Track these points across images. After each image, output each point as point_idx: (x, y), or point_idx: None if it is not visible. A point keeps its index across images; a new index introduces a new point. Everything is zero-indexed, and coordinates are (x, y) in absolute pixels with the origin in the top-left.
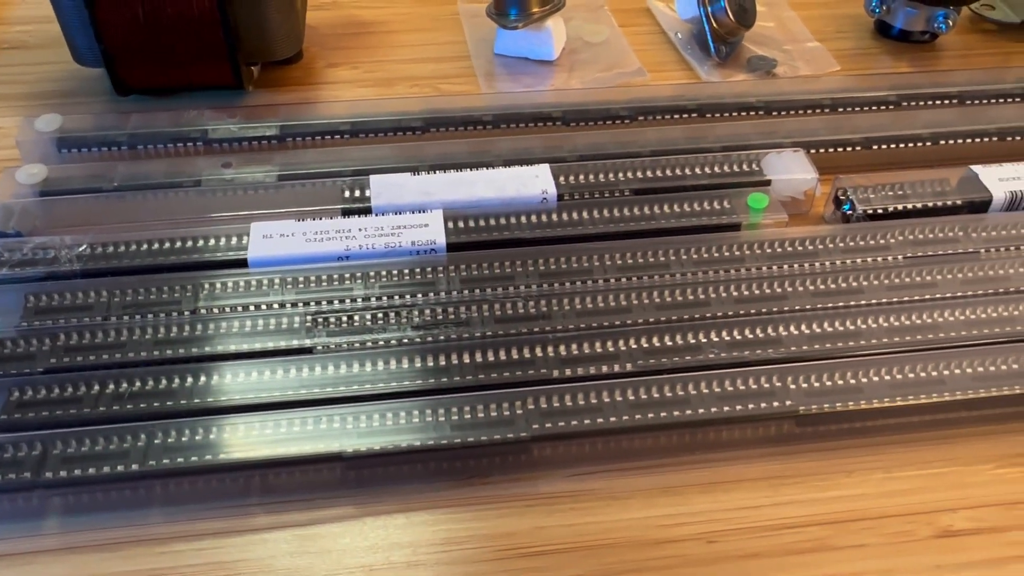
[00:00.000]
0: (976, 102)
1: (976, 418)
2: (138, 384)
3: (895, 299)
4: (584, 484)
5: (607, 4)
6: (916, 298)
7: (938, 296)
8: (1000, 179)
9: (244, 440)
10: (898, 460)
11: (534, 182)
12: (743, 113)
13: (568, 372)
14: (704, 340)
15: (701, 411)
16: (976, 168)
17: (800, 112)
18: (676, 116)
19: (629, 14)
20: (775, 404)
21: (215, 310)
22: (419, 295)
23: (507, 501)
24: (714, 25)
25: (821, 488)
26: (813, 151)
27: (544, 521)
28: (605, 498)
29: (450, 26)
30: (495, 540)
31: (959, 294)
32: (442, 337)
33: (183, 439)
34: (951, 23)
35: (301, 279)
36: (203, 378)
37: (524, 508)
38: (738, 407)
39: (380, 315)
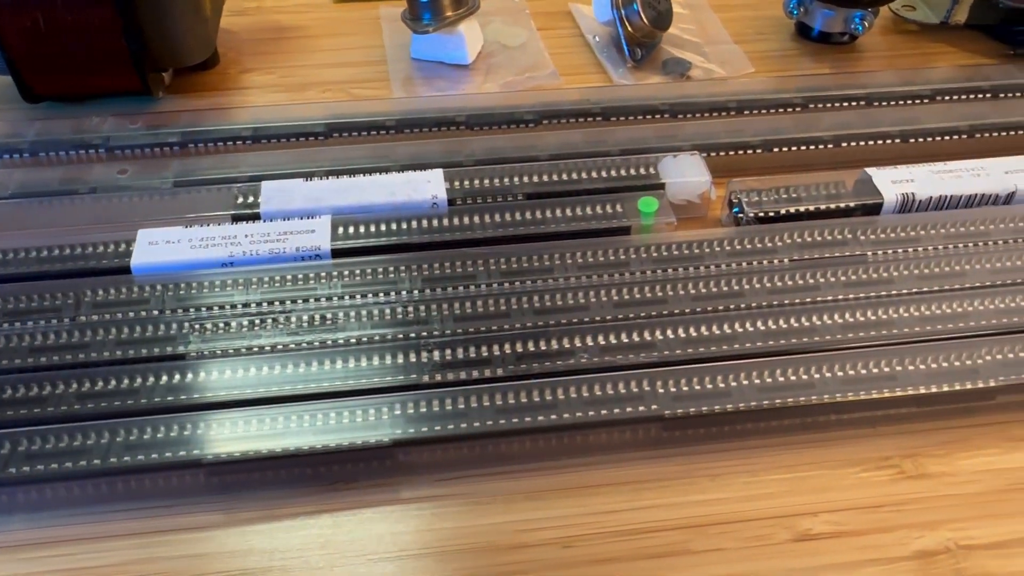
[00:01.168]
0: (883, 104)
1: (846, 421)
2: (9, 392)
3: (775, 302)
4: (448, 489)
5: (529, 7)
6: (796, 301)
7: (819, 300)
8: (893, 181)
9: (106, 445)
10: (765, 463)
11: (425, 187)
12: (648, 116)
13: (439, 377)
14: (579, 345)
15: (566, 415)
16: (870, 171)
17: (704, 115)
18: (581, 120)
19: (551, 17)
20: (641, 408)
21: (95, 317)
22: (299, 300)
23: (370, 506)
24: (628, 28)
25: (684, 492)
26: (714, 154)
27: (403, 526)
28: (467, 503)
29: (370, 30)
30: (352, 545)
31: (840, 297)
32: (318, 343)
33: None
34: (867, 25)
35: (183, 285)
36: (75, 385)
37: (386, 513)
38: (603, 411)
39: (258, 320)
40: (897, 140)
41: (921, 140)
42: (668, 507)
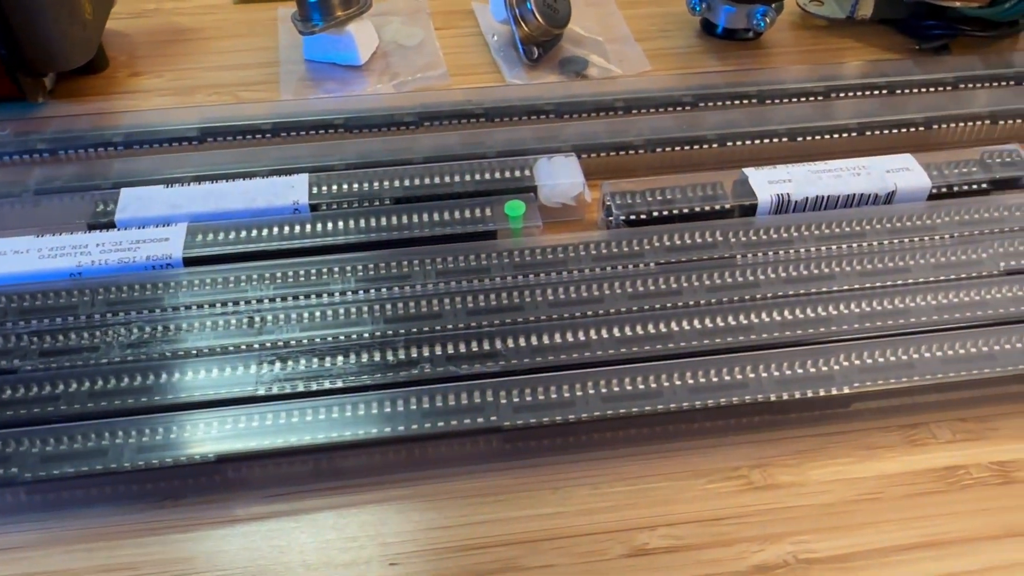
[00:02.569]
0: (774, 102)
1: (696, 431)
2: None
3: (635, 308)
4: (277, 506)
5: (431, 6)
6: (657, 307)
7: (680, 304)
8: (770, 182)
9: None
10: (610, 475)
11: (288, 193)
12: (532, 117)
13: (276, 390)
14: (426, 354)
15: (401, 428)
16: (748, 171)
17: (591, 115)
18: (463, 121)
19: (453, 16)
20: (480, 420)
21: None
22: (144, 311)
23: (195, 524)
24: (523, 27)
25: (521, 506)
26: (595, 155)
27: (225, 545)
28: (293, 520)
29: (268, 32)
30: (171, 566)
31: (703, 302)
32: (156, 355)
33: None
34: (769, 21)
35: (27, 296)
36: None
37: (209, 531)
38: (441, 423)
39: (97, 333)
40: (784, 139)
41: (810, 138)
42: (504, 521)
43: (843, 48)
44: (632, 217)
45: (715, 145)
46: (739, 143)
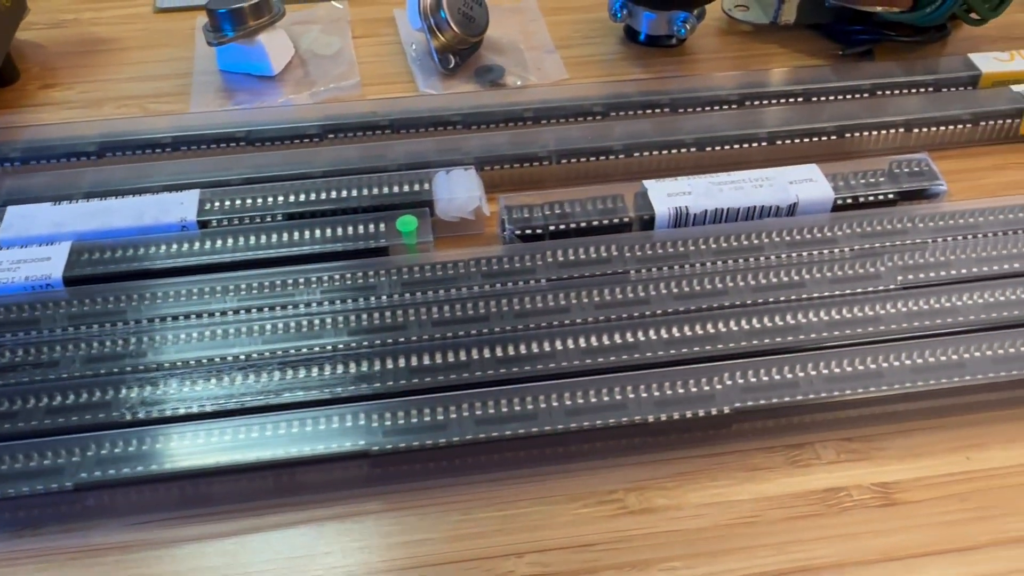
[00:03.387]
0: (687, 111)
1: (573, 453)
2: None
3: (520, 327)
4: (140, 534)
5: (353, 14)
6: (543, 325)
7: (567, 322)
8: (669, 194)
9: None
10: (482, 500)
11: (177, 209)
12: (439, 128)
13: (142, 415)
14: (301, 376)
15: (269, 454)
16: (648, 183)
17: (500, 126)
18: (368, 133)
19: (375, 24)
20: (348, 444)
21: None
22: (20, 333)
23: (53, 554)
24: (438, 35)
25: (384, 533)
26: (498, 167)
27: (82, 575)
28: (156, 549)
29: (185, 42)
30: None
31: (590, 319)
32: (26, 379)
33: None
34: (690, 27)
35: None
36: None
37: (66, 561)
38: (307, 448)
39: None
40: (693, 149)
41: (719, 148)
42: (362, 550)
43: (768, 54)
44: (526, 232)
45: (622, 156)
46: (647, 154)
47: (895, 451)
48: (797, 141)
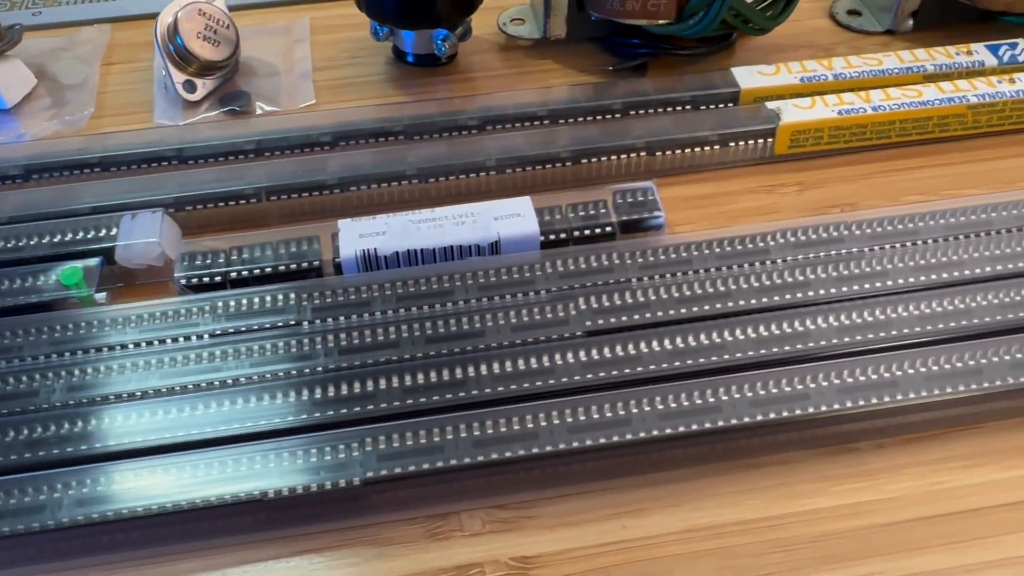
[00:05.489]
0: (421, 137)
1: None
2: None
3: (178, 386)
4: None
5: (117, 37)
6: (204, 384)
7: (218, 383)
8: (361, 235)
9: None
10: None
11: None
12: (152, 165)
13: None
14: None
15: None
16: (344, 223)
17: (217, 161)
18: (76, 172)
19: (136, 48)
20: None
21: None
22: None
23: None
24: (178, 62)
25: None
26: (200, 207)
27: None
28: None
29: None
30: None
31: (243, 379)
32: None
33: None
34: (449, 46)
35: None
36: None
37: None
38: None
39: None
40: (416, 181)
41: (443, 179)
42: None
43: (542, 70)
44: (195, 281)
45: (337, 191)
46: (363, 187)
47: (548, 519)
48: (530, 169)
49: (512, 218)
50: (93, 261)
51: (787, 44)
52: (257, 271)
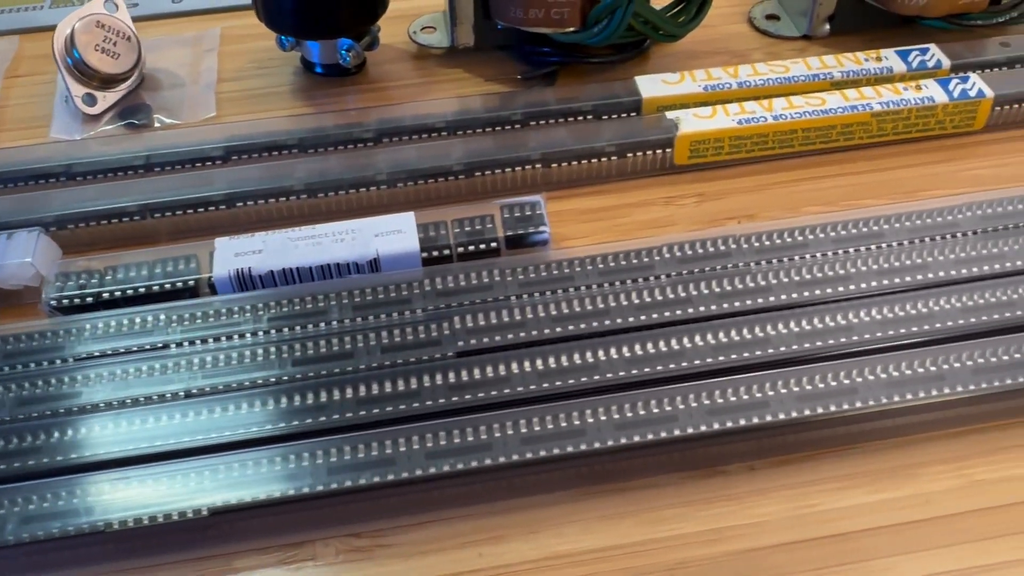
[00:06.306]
0: (317, 150)
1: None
2: None
3: (28, 415)
4: None
5: (26, 48)
6: (61, 411)
7: (75, 408)
8: (237, 254)
9: None
10: None
11: None
12: (38, 182)
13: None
14: None
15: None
16: (220, 241)
17: (106, 176)
18: None
19: (42, 61)
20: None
21: None
22: None
23: None
24: (76, 75)
25: None
26: (82, 226)
27: None
28: None
29: None
30: None
31: (114, 402)
32: None
33: None
34: (353, 56)
35: None
36: None
37: None
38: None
39: None
40: (305, 196)
41: (331, 195)
42: None
43: (453, 79)
44: (65, 303)
45: (223, 207)
46: (250, 203)
47: (403, 547)
48: (421, 183)
49: (393, 235)
50: None
51: (702, 50)
52: (131, 291)
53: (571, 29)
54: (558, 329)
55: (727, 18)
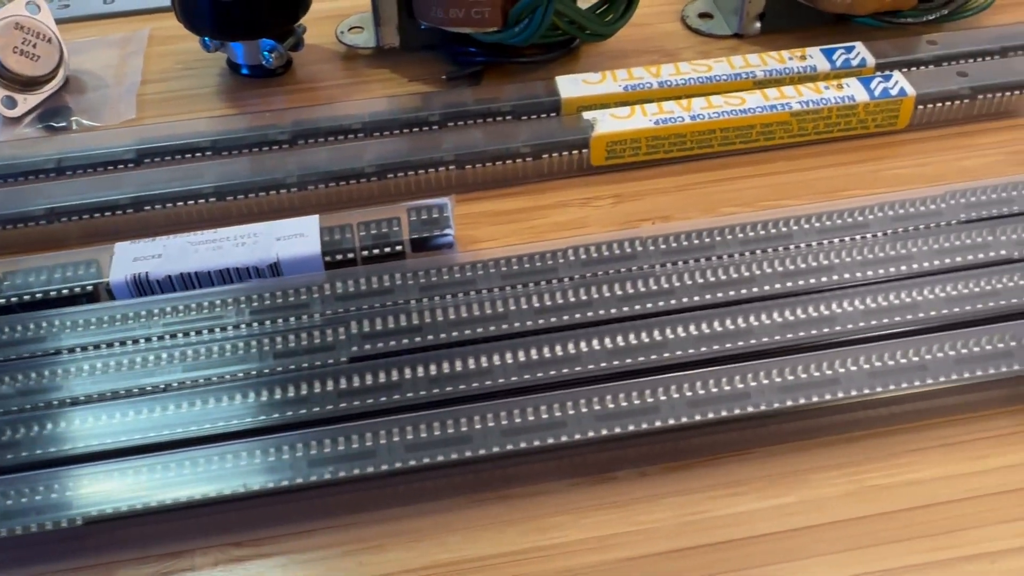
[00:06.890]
0: (232, 152)
1: None
2: None
3: None
4: None
5: None
6: None
7: None
8: (136, 259)
9: None
10: None
11: None
12: None
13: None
14: None
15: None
16: (120, 246)
17: (13, 181)
18: None
19: None
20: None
21: None
22: None
23: None
24: None
25: None
26: None
27: None
28: None
29: None
30: None
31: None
32: None
33: None
34: (276, 57)
35: None
36: None
37: None
38: None
39: None
40: (213, 199)
41: (241, 198)
42: None
43: (379, 80)
44: None
45: (131, 211)
46: (158, 207)
47: (282, 556)
48: (332, 186)
49: (295, 238)
50: None
51: (633, 49)
52: (27, 297)
53: (493, 29)
54: (454, 334)
55: (660, 16)
